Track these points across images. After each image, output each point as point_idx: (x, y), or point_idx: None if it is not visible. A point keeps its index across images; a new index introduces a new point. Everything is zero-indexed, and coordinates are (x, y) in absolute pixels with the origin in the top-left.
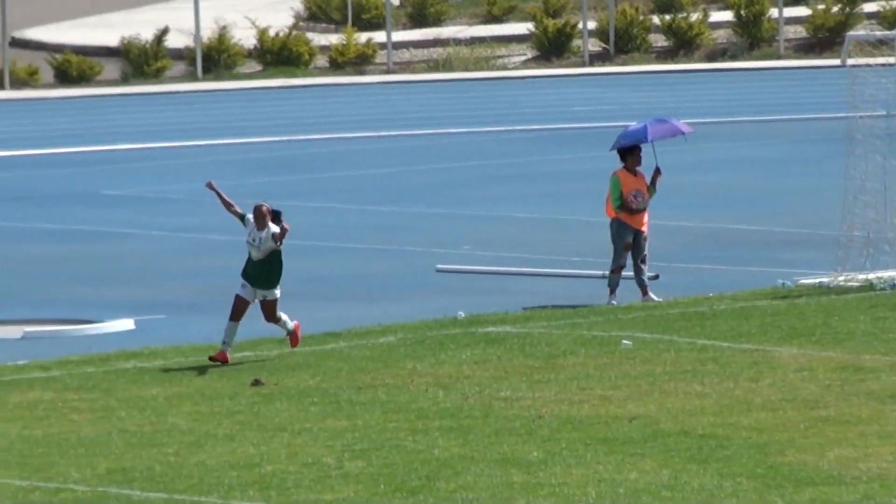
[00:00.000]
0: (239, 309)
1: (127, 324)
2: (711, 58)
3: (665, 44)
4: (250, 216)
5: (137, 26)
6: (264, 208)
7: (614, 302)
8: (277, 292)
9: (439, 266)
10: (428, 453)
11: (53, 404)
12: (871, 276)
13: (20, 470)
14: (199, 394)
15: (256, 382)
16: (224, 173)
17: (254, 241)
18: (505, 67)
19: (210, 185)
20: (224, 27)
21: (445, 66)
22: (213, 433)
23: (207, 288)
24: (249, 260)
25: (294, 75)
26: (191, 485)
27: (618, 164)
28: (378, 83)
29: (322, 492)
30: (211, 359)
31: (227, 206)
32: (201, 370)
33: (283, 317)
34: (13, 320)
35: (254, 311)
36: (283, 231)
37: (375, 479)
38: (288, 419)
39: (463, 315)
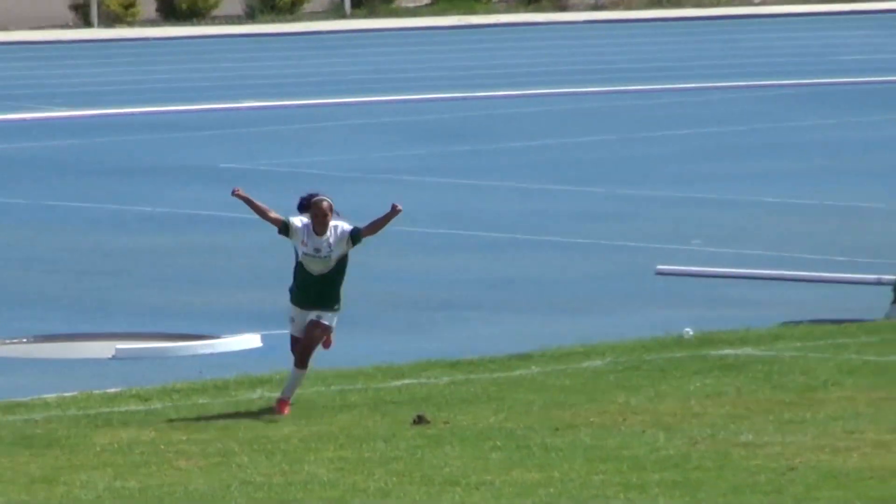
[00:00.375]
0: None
1: (251, 340)
2: None
3: None
4: (296, 221)
5: None
6: (325, 204)
7: None
8: (335, 318)
9: (660, 267)
10: None
11: (154, 447)
12: None
13: None
14: (344, 435)
15: (420, 420)
16: (378, 142)
17: (317, 251)
18: (752, 2)
19: (236, 193)
20: None
21: None
22: (362, 487)
23: (358, 293)
24: (305, 277)
25: (473, 11)
26: None
27: None
28: (583, 22)
29: None
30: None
31: (262, 213)
32: (348, 403)
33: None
34: (102, 334)
35: (409, 324)
36: (394, 211)
37: None
38: (461, 469)
39: (691, 333)
